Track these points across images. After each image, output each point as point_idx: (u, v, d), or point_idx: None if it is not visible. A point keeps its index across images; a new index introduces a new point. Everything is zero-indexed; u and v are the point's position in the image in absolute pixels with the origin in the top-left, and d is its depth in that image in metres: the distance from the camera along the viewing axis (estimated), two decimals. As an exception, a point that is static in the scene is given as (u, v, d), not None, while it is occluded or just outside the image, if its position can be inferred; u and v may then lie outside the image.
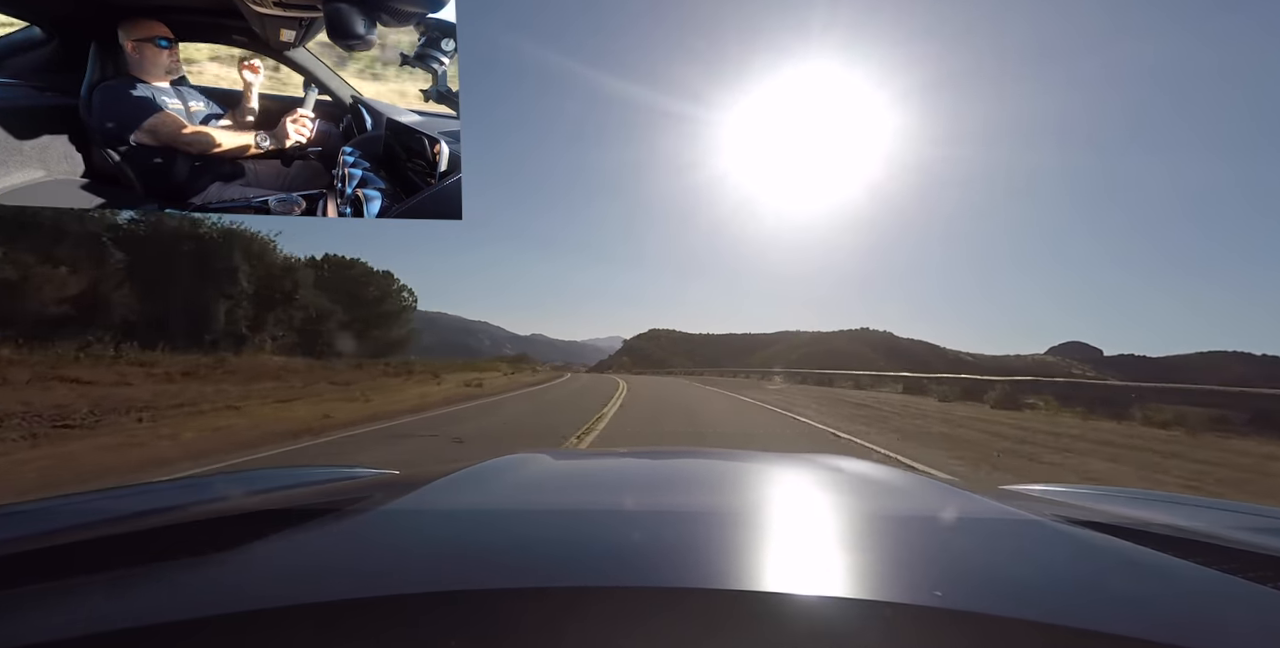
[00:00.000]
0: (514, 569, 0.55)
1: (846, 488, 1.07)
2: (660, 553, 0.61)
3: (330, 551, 0.64)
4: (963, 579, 0.56)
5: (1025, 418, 12.24)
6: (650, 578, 0.52)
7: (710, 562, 0.57)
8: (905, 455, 6.91)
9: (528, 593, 0.47)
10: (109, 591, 0.52)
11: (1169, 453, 7.39)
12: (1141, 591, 0.55)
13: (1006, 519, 0.83)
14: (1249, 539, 0.78)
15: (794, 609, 0.43)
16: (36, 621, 0.44)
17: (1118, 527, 0.79)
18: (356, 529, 0.74)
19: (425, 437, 8.18)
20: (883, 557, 0.61)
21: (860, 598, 0.45)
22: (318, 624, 0.42)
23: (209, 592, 0.51)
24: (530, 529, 0.73)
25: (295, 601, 0.46)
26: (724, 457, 1.54)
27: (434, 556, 0.61)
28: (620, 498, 0.98)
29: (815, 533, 0.72)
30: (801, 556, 0.61)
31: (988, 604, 0.46)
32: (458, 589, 0.47)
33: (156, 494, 1.12)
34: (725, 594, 0.45)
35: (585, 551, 0.62)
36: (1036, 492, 1.23)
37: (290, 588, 0.51)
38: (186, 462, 6.12)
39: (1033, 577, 0.60)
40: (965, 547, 0.68)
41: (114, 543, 0.70)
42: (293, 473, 1.35)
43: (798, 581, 0.50)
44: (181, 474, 5.09)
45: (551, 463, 1.31)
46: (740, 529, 0.73)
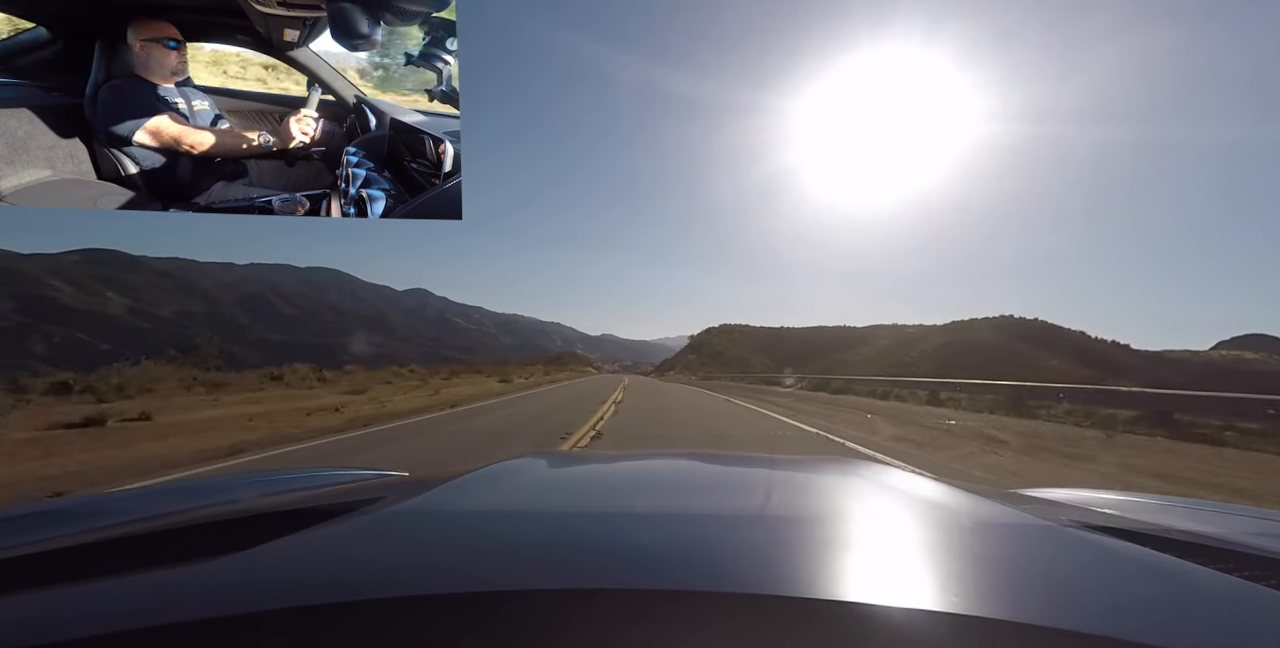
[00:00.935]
0: (530, 571, 0.55)
1: (859, 491, 1.07)
2: (676, 555, 0.60)
3: (343, 552, 0.64)
4: (979, 583, 0.54)
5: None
6: (665, 581, 0.51)
7: (726, 565, 0.57)
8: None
9: (543, 594, 0.46)
10: (128, 590, 0.53)
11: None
12: (1180, 600, 0.54)
13: (1019, 524, 0.82)
14: (1270, 545, 0.77)
15: (825, 615, 0.43)
16: (62, 618, 0.45)
17: (1140, 533, 0.78)
18: (369, 531, 0.74)
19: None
20: (939, 564, 0.60)
21: (900, 606, 0.44)
22: (330, 625, 0.42)
23: (225, 591, 0.51)
24: (545, 531, 0.72)
25: (310, 601, 0.46)
26: (739, 461, 1.53)
27: (449, 557, 0.61)
28: (635, 500, 0.97)
29: (837, 537, 0.70)
30: (825, 559, 0.60)
31: (1012, 612, 0.45)
32: (474, 591, 0.47)
33: (171, 496, 1.13)
34: (749, 599, 0.45)
35: (602, 552, 0.62)
36: (1048, 496, 1.21)
37: (305, 589, 0.51)
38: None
39: (1052, 582, 0.59)
40: (979, 550, 0.68)
41: (131, 543, 0.71)
42: (304, 475, 1.36)
43: (823, 585, 0.50)
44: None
45: (564, 465, 1.30)
46: (761, 532, 0.72)
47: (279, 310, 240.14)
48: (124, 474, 5.53)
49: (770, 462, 1.38)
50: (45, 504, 0.98)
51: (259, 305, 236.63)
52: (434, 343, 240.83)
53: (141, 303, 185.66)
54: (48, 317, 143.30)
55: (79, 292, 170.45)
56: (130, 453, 6.55)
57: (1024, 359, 57.10)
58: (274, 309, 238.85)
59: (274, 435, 8.23)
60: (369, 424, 9.50)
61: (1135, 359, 65.19)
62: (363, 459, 6.57)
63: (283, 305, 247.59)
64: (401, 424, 9.71)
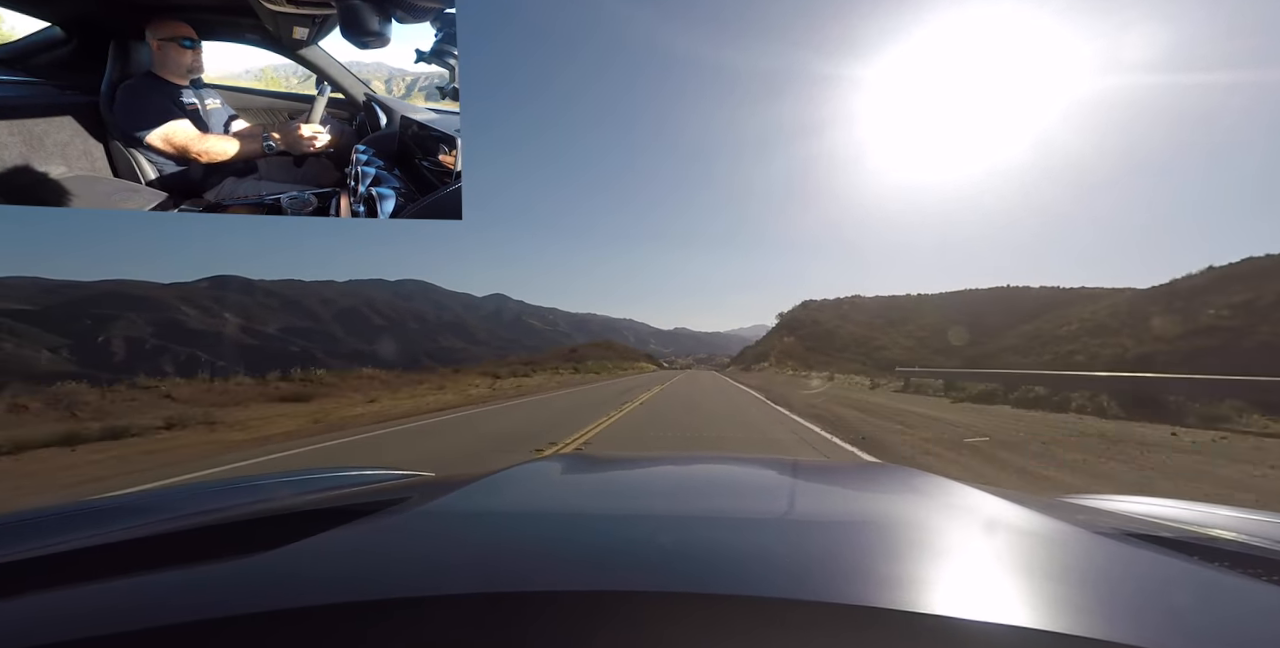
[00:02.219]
0: (560, 572, 0.54)
1: (893, 496, 1.05)
2: (705, 558, 0.60)
3: (373, 551, 0.64)
4: (1026, 593, 0.52)
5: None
6: (696, 584, 0.50)
7: (756, 569, 0.56)
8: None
9: (575, 596, 0.46)
10: (163, 586, 0.54)
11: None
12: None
13: (1070, 533, 0.77)
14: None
15: (853, 621, 0.43)
16: (97, 614, 0.46)
17: (1185, 541, 0.76)
18: (398, 530, 0.74)
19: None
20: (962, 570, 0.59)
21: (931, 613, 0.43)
22: (360, 624, 0.42)
23: (257, 588, 0.52)
24: (574, 532, 0.72)
25: (340, 598, 0.46)
26: (766, 464, 1.50)
27: (477, 557, 0.61)
28: (663, 503, 0.97)
29: (867, 542, 0.68)
30: (854, 565, 0.59)
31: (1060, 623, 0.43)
32: (504, 591, 0.47)
33: (204, 495, 1.16)
34: (777, 603, 0.45)
35: (632, 554, 0.61)
36: (1094, 503, 1.17)
37: (335, 587, 0.51)
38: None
39: (1106, 592, 0.56)
40: (1015, 556, 0.65)
41: (166, 541, 0.72)
42: (333, 475, 1.38)
43: (850, 591, 0.49)
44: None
45: (589, 466, 1.31)
46: (791, 536, 0.71)
47: (370, 322, 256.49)
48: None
49: (797, 466, 1.36)
50: (83, 503, 1.03)
51: (353, 318, 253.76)
52: (510, 344, 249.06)
53: (251, 321, 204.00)
54: (177, 338, 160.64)
55: (202, 314, 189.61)
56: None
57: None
58: (366, 321, 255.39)
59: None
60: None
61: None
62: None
63: (374, 317, 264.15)
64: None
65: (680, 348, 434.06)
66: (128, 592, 0.52)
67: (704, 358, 70.03)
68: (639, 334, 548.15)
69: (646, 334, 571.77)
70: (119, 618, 0.44)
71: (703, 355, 79.80)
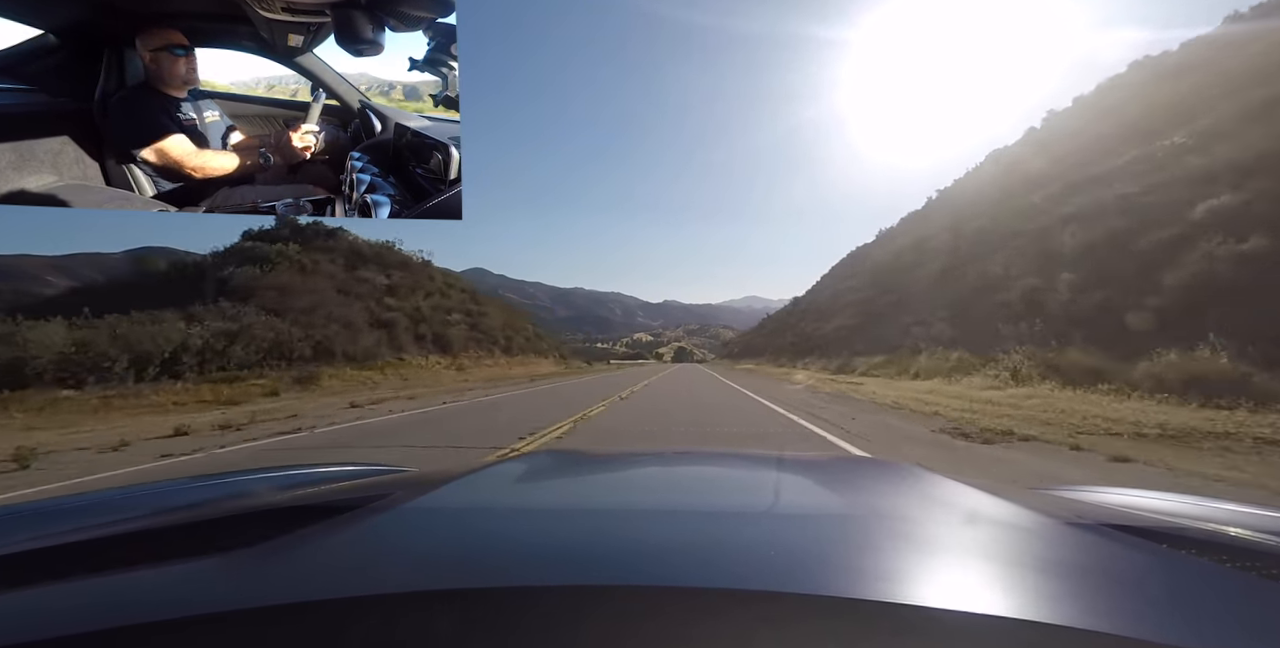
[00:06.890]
0: (541, 567, 0.55)
1: (876, 488, 1.06)
2: (687, 552, 0.60)
3: (353, 548, 0.64)
4: (1002, 583, 0.53)
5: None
6: (677, 577, 0.51)
7: (738, 561, 0.56)
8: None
9: (556, 591, 0.46)
10: (141, 585, 0.54)
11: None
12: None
13: (1050, 525, 0.78)
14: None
15: (836, 612, 0.43)
16: (73, 613, 0.46)
17: (1155, 530, 0.77)
18: (380, 526, 0.74)
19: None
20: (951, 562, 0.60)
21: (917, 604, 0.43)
22: (340, 620, 0.42)
23: (236, 586, 0.52)
24: (555, 527, 0.72)
25: (321, 596, 0.46)
26: (750, 458, 1.52)
27: (459, 552, 0.61)
28: (645, 497, 0.97)
29: (851, 534, 0.70)
30: (839, 557, 0.60)
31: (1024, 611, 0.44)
32: (486, 587, 0.47)
33: (180, 492, 1.15)
34: (759, 596, 0.45)
35: (613, 549, 0.62)
36: (1074, 495, 1.19)
37: (316, 584, 0.51)
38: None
39: (1086, 584, 0.56)
40: (995, 547, 0.67)
41: (142, 539, 0.72)
42: (312, 471, 1.36)
43: (834, 582, 0.50)
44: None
45: (572, 462, 1.31)
46: (772, 529, 0.71)
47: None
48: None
49: (781, 460, 1.37)
50: (51, 502, 1.01)
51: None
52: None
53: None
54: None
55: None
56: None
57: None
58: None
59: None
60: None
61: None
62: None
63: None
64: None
65: (670, 319, 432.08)
66: (100, 591, 0.52)
67: (695, 329, 69.26)
68: (626, 307, 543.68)
69: (634, 307, 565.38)
70: (91, 617, 0.44)
71: (694, 327, 78.83)
